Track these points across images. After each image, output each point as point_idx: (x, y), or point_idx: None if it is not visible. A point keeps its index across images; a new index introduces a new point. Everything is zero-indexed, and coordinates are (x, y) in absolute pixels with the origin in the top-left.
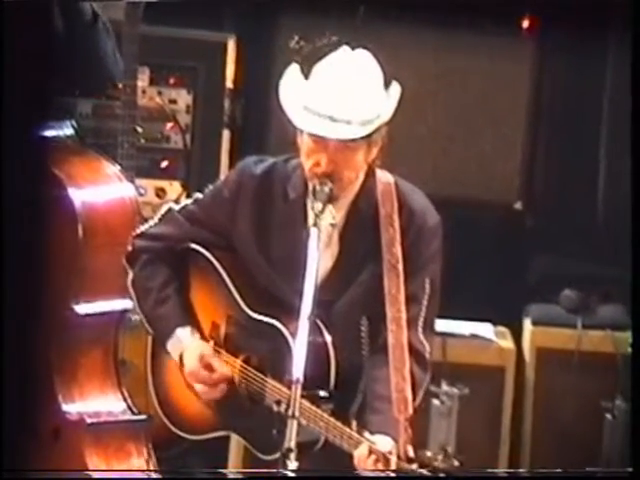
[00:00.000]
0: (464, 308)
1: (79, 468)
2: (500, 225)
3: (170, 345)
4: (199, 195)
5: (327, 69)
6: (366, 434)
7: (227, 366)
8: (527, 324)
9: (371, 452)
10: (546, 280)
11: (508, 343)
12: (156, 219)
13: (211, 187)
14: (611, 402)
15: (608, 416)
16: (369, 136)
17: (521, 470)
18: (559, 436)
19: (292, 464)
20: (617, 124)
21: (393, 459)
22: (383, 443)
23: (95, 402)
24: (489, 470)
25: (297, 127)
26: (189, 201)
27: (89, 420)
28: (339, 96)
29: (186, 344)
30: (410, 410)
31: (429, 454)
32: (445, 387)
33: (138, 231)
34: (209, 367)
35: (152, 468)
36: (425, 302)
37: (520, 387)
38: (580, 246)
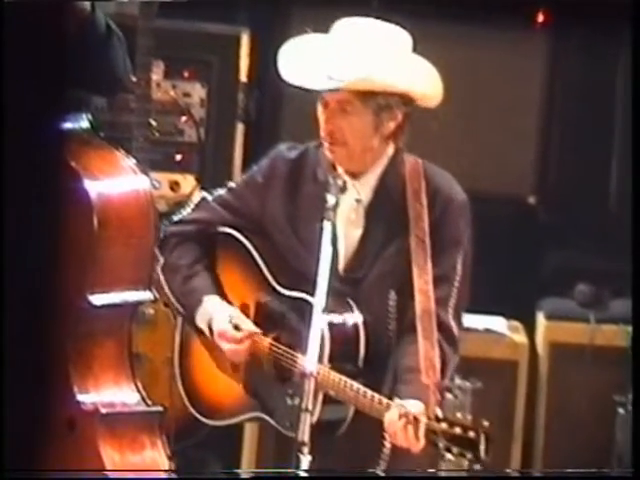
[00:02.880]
0: (477, 302)
1: (93, 459)
2: (513, 219)
3: (199, 317)
4: (232, 184)
5: (337, 30)
6: (396, 400)
7: (253, 324)
8: (540, 318)
9: (401, 415)
10: (559, 274)
11: (521, 337)
12: (189, 209)
13: (245, 175)
14: (624, 396)
15: (621, 410)
16: (369, 102)
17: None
18: (572, 430)
19: (306, 458)
20: (630, 117)
21: (423, 420)
22: (412, 405)
23: (109, 393)
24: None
25: (285, 81)
26: (223, 190)
27: (104, 410)
28: (335, 55)
29: (213, 310)
30: (438, 376)
31: (459, 415)
32: (458, 381)
33: (174, 219)
34: (237, 327)
35: (166, 461)
36: (457, 284)
37: (533, 381)
38: (593, 240)
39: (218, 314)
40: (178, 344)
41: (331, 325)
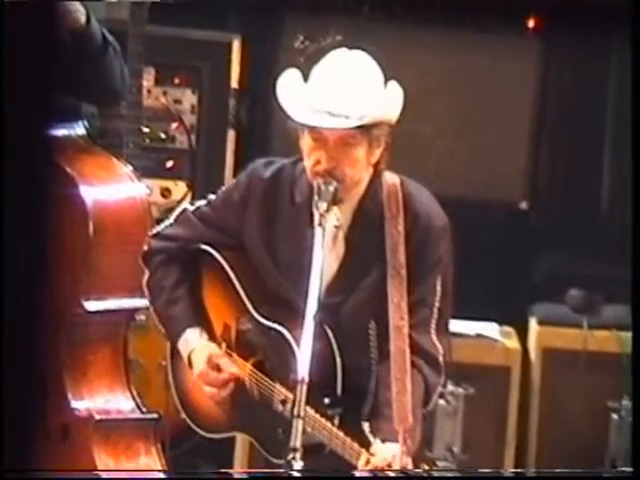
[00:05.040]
0: (469, 308)
1: (87, 466)
2: (505, 225)
3: (180, 345)
4: (212, 197)
5: (324, 68)
6: (377, 441)
7: (235, 366)
8: (533, 324)
9: (368, 464)
10: (552, 280)
11: (514, 343)
12: (171, 220)
13: (223, 189)
14: (618, 402)
15: (614, 416)
16: (368, 133)
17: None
18: (565, 436)
19: (298, 464)
20: (622, 123)
21: (391, 473)
22: (388, 451)
23: (104, 400)
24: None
25: (296, 122)
26: (203, 202)
27: (98, 417)
28: (336, 92)
29: (194, 345)
30: (410, 420)
31: (426, 467)
32: (451, 387)
33: (154, 231)
34: (217, 368)
35: (160, 467)
36: (437, 304)
37: (526, 387)
38: (585, 245)
39: (198, 352)
40: (170, 352)
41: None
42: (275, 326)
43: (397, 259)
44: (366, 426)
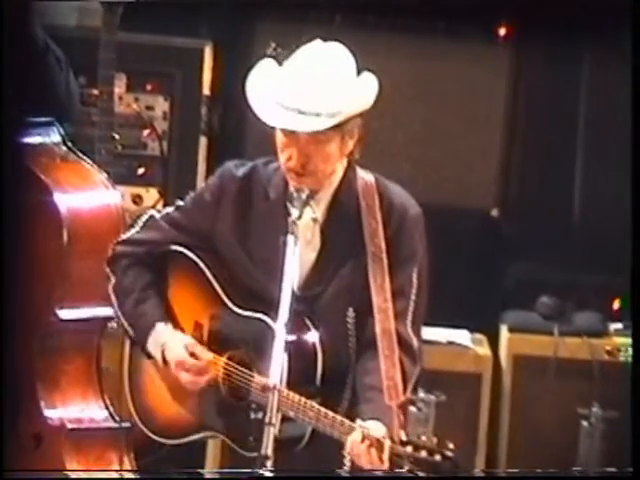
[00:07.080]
0: (441, 315)
1: (59, 475)
2: (477, 232)
3: (151, 341)
4: (180, 202)
5: (294, 63)
6: (358, 421)
7: (210, 353)
8: (504, 331)
9: (364, 438)
10: (522, 287)
11: (485, 350)
12: (138, 227)
13: (192, 193)
14: (587, 409)
15: (584, 423)
16: (340, 127)
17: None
18: (536, 443)
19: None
20: (593, 131)
21: (387, 443)
22: (375, 429)
23: (77, 409)
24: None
25: (266, 124)
26: (171, 208)
27: (70, 426)
28: (306, 89)
29: (165, 338)
30: (401, 397)
31: (423, 438)
32: (422, 394)
33: (120, 238)
34: (195, 355)
35: (132, 475)
36: (413, 297)
37: (497, 394)
38: (556, 253)
39: (172, 343)
40: (127, 362)
41: (288, 345)
42: (258, 315)
43: (376, 245)
44: (344, 407)
